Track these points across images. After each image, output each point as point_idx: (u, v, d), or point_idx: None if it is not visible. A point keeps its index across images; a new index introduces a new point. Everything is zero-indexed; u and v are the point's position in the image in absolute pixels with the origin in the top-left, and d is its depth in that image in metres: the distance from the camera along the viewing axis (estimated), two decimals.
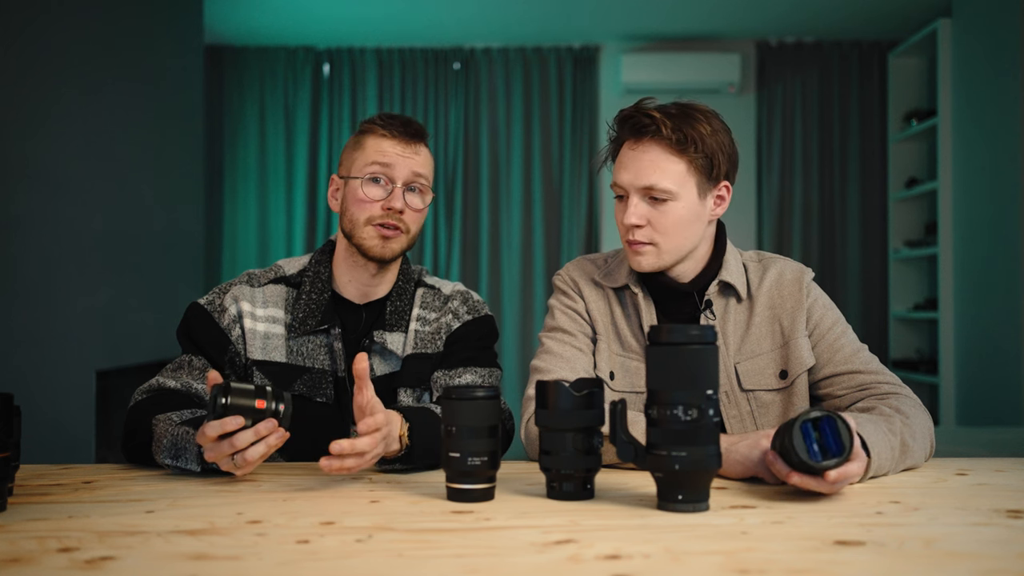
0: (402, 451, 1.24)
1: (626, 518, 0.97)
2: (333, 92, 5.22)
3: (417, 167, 1.48)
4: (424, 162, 1.50)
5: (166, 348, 3.40)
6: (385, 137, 1.48)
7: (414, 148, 1.49)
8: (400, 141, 1.48)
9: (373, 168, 1.46)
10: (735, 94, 5.07)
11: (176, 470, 1.25)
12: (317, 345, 1.48)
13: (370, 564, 0.81)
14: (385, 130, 1.48)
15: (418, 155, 1.49)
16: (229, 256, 5.20)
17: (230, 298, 1.49)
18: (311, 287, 1.51)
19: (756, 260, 1.49)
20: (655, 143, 1.35)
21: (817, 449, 1.03)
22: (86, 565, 0.80)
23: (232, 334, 1.48)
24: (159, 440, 1.26)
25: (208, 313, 1.48)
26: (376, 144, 1.48)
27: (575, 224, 5.15)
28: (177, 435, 1.24)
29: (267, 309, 1.50)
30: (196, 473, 1.24)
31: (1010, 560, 0.82)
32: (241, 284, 1.52)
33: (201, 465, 1.21)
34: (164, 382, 1.42)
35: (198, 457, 1.21)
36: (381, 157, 1.46)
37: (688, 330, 1.00)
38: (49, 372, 2.75)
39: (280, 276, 1.54)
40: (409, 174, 1.47)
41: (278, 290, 1.52)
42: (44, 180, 2.75)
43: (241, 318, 1.48)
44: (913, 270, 4.83)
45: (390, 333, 1.50)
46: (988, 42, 3.98)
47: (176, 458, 1.23)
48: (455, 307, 1.56)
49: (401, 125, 1.48)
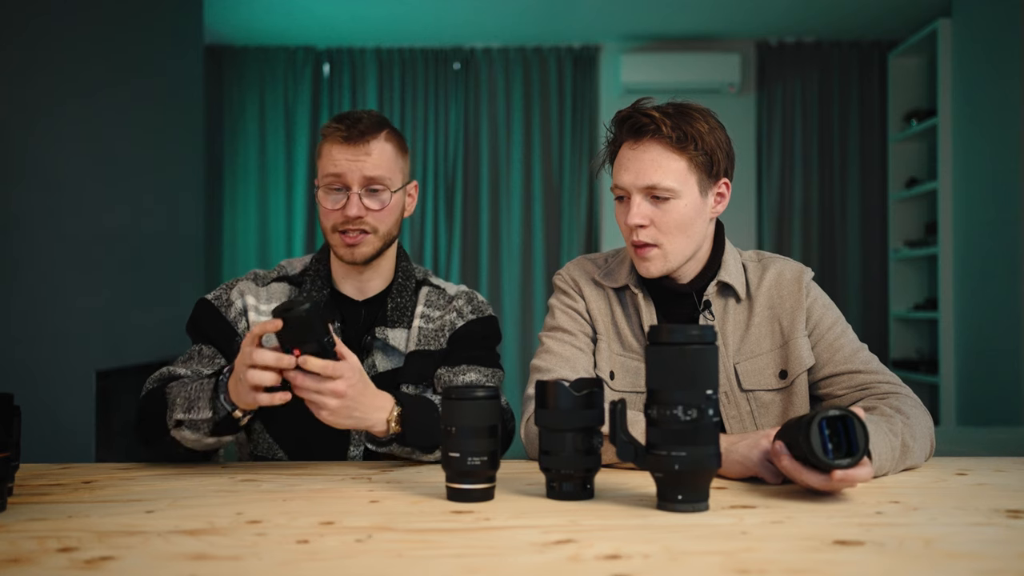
0: (389, 434, 1.27)
1: (626, 518, 0.97)
2: (333, 92, 5.22)
3: (368, 170, 1.46)
4: (378, 161, 1.47)
5: (166, 348, 3.40)
6: (335, 143, 1.47)
7: (364, 149, 1.46)
8: (349, 145, 1.46)
9: (328, 179, 1.47)
10: (735, 94, 5.07)
11: (189, 425, 1.27)
12: None
13: (370, 564, 0.81)
14: (335, 135, 1.47)
15: (369, 156, 1.46)
16: (229, 256, 5.20)
17: (236, 293, 1.53)
18: (312, 285, 1.54)
19: (755, 260, 1.49)
20: (655, 142, 1.35)
21: (831, 447, 1.03)
22: (86, 565, 0.80)
23: (239, 327, 1.51)
24: (172, 403, 1.29)
25: (215, 308, 1.52)
26: (329, 152, 1.48)
27: (575, 224, 5.15)
28: (191, 389, 1.28)
29: (271, 305, 1.53)
30: (207, 420, 1.25)
31: (1009, 560, 0.82)
32: (247, 281, 1.56)
33: (213, 409, 1.24)
34: (174, 370, 1.46)
35: (210, 403, 1.24)
36: (333, 167, 1.46)
37: (688, 330, 1.00)
38: (49, 372, 2.75)
39: (283, 275, 1.57)
40: (361, 179, 1.46)
41: (282, 288, 1.55)
42: (44, 180, 2.75)
43: (247, 312, 1.52)
44: (913, 270, 4.83)
45: (392, 329, 1.52)
46: (988, 42, 3.98)
47: (189, 411, 1.26)
48: (459, 306, 1.57)
49: (347, 128, 1.46)
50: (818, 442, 1.02)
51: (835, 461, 1.02)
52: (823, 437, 1.03)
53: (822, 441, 1.03)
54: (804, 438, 1.03)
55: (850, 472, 1.02)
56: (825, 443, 1.03)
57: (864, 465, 1.05)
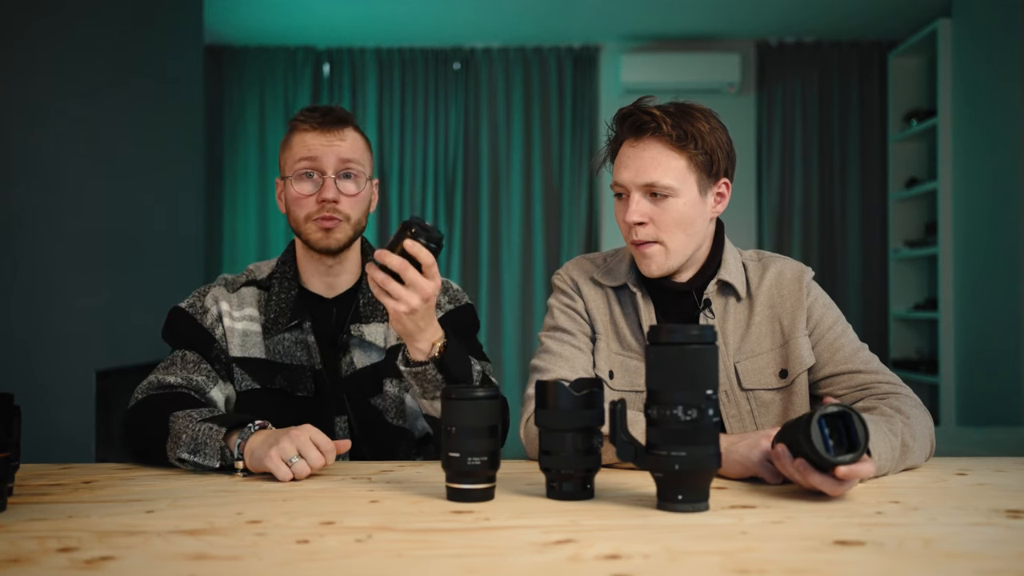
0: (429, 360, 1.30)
1: (626, 518, 0.97)
2: (333, 92, 5.22)
3: (344, 153, 1.47)
4: (352, 147, 1.49)
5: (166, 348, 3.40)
6: (308, 131, 1.48)
7: (338, 135, 1.48)
8: (322, 131, 1.47)
9: (301, 164, 1.47)
10: (735, 94, 5.07)
11: (192, 466, 1.27)
12: (292, 342, 1.51)
13: (370, 564, 0.81)
14: (307, 123, 1.48)
15: (343, 141, 1.48)
16: (229, 256, 5.20)
17: (210, 299, 1.53)
18: (279, 287, 1.53)
19: (756, 259, 1.49)
20: (655, 140, 1.35)
21: (832, 444, 1.03)
22: (86, 565, 0.80)
23: (216, 332, 1.51)
24: (177, 436, 1.28)
25: (191, 315, 1.52)
26: (301, 140, 1.48)
27: (575, 224, 5.15)
28: (198, 431, 1.27)
29: (243, 310, 1.53)
30: (214, 469, 1.25)
31: (1009, 560, 0.82)
32: (218, 287, 1.56)
33: (220, 461, 1.24)
34: (164, 378, 1.44)
35: (219, 453, 1.24)
36: (306, 152, 1.47)
37: (688, 330, 1.00)
38: (49, 372, 2.75)
39: (251, 279, 1.57)
40: (336, 161, 1.47)
41: (251, 292, 1.55)
42: (44, 180, 2.75)
43: (221, 318, 1.52)
44: (913, 270, 4.83)
45: (367, 324, 1.52)
46: (988, 42, 3.98)
47: (195, 453, 1.25)
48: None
49: (321, 115, 1.48)
50: (819, 440, 1.02)
51: (837, 458, 1.02)
52: (823, 435, 1.03)
53: (823, 438, 1.03)
54: (805, 436, 1.03)
55: (853, 467, 1.02)
56: (826, 440, 1.03)
57: (865, 460, 1.05)
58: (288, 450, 1.19)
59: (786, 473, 1.09)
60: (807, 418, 1.03)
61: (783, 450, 1.08)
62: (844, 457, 1.02)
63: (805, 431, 1.03)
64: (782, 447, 1.08)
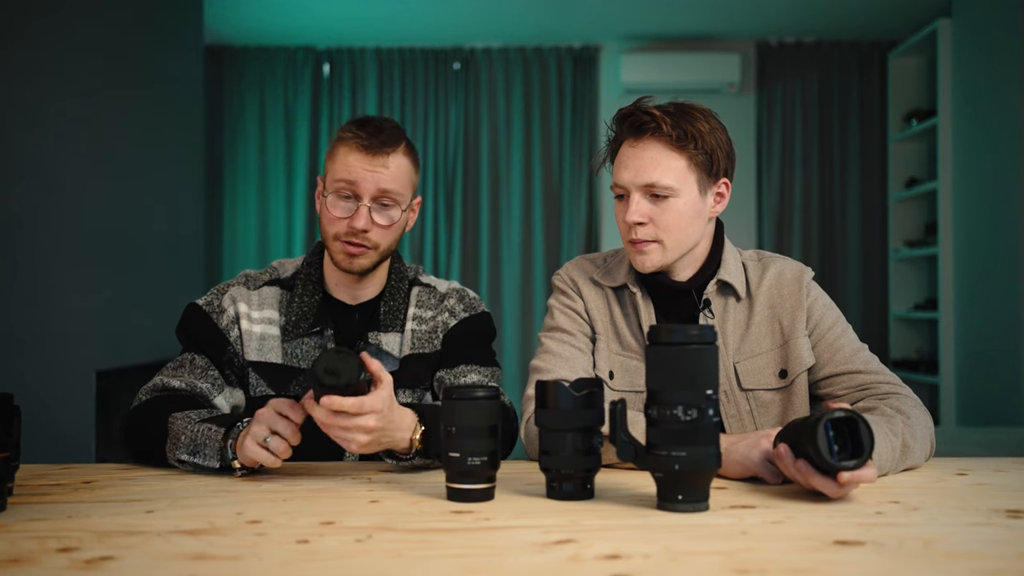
0: (412, 452, 1.23)
1: (626, 518, 0.97)
2: (333, 92, 5.22)
3: (385, 182, 1.42)
4: (395, 175, 1.44)
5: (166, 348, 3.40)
6: (352, 150, 1.43)
7: (382, 160, 1.43)
8: (367, 154, 1.42)
9: (340, 185, 1.43)
10: (735, 94, 5.07)
11: (192, 467, 1.26)
12: (311, 347, 1.49)
13: (370, 564, 0.81)
14: (353, 141, 1.43)
15: (387, 168, 1.43)
16: (229, 256, 5.20)
17: (228, 299, 1.50)
18: (303, 289, 1.51)
19: (756, 259, 1.49)
20: (655, 140, 1.35)
21: (836, 449, 1.03)
22: (86, 565, 0.80)
23: (231, 335, 1.48)
24: (176, 437, 1.27)
25: (207, 314, 1.49)
26: (344, 158, 1.43)
27: (575, 224, 5.15)
28: (197, 432, 1.26)
29: (263, 311, 1.50)
30: (213, 470, 1.25)
31: (1009, 560, 0.82)
32: (239, 285, 1.52)
33: (220, 462, 1.23)
34: (168, 381, 1.43)
35: (218, 453, 1.23)
36: (347, 174, 1.42)
37: (688, 330, 1.00)
38: (49, 372, 2.75)
39: (275, 278, 1.54)
40: (375, 190, 1.42)
41: (273, 292, 1.52)
42: (44, 180, 2.75)
43: (239, 319, 1.49)
44: (913, 270, 4.83)
45: (385, 334, 1.50)
46: (988, 42, 3.98)
47: (194, 454, 1.25)
48: (451, 305, 1.56)
49: (368, 136, 1.42)
50: (824, 444, 1.02)
51: (841, 463, 1.02)
52: (829, 439, 1.03)
53: (828, 443, 1.03)
54: (810, 440, 1.03)
55: (856, 473, 1.02)
56: (831, 445, 1.03)
57: (869, 467, 1.05)
58: (259, 432, 1.17)
59: (787, 473, 1.09)
60: (814, 421, 1.03)
61: (785, 450, 1.08)
62: (848, 463, 1.02)
63: (811, 435, 1.03)
64: (784, 447, 1.08)
